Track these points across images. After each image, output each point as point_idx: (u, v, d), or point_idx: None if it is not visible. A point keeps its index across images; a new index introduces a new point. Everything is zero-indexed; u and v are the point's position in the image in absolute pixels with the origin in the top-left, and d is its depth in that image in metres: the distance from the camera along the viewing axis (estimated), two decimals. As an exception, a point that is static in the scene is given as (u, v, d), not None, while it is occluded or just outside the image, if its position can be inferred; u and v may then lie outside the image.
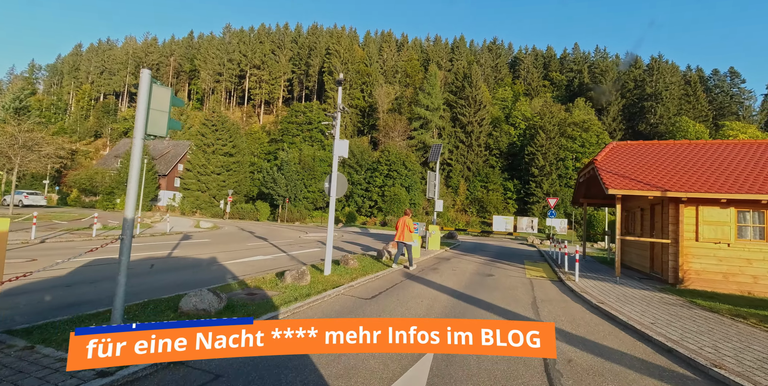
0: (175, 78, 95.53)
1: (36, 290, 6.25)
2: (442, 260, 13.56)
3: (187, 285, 7.14)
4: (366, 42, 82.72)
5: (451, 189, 57.45)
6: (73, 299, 5.79)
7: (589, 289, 8.90)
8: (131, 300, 5.41)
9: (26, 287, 6.31)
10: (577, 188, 14.66)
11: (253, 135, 57.67)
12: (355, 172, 49.52)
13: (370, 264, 10.30)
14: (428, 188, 23.85)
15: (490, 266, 12.71)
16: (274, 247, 14.62)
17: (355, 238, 21.96)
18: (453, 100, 63.53)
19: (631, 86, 70.07)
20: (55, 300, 5.75)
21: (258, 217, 41.65)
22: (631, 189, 9.54)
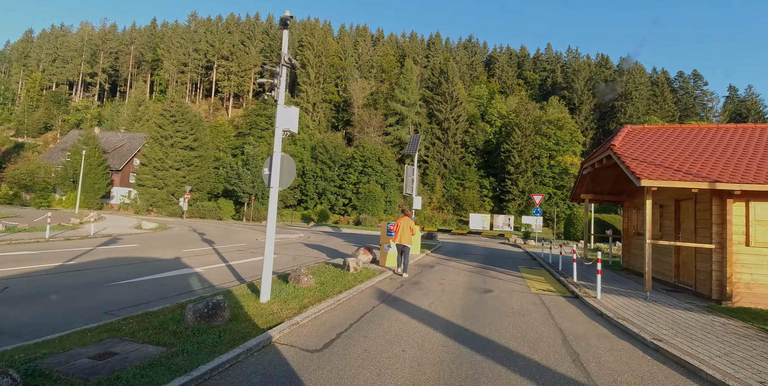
0: (136, 68, 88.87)
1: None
2: (425, 268, 11.04)
3: (13, 331, 4.24)
4: (341, 36, 79.46)
5: (428, 186, 55.39)
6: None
7: (624, 312, 6.59)
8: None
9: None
10: (578, 182, 12.54)
11: (218, 128, 53.44)
12: (328, 168, 46.50)
13: (331, 280, 7.62)
14: (405, 184, 21.39)
15: (483, 275, 10.29)
16: (215, 255, 11.65)
17: (322, 240, 19.17)
18: (429, 96, 61.49)
19: (602, 86, 70.30)
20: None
21: (221, 216, 37.97)
22: (670, 179, 7.32)
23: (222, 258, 10.88)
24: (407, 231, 9.65)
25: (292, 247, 14.69)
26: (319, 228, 32.61)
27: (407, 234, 9.64)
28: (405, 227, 9.71)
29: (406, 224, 9.76)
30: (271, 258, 5.96)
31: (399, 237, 9.65)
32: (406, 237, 9.62)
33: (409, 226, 9.72)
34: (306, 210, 45.63)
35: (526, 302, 7.26)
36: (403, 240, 9.61)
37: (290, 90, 75.30)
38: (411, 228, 9.72)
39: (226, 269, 9.29)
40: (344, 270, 8.80)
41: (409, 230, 9.67)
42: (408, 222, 9.79)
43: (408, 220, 9.85)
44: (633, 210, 11.99)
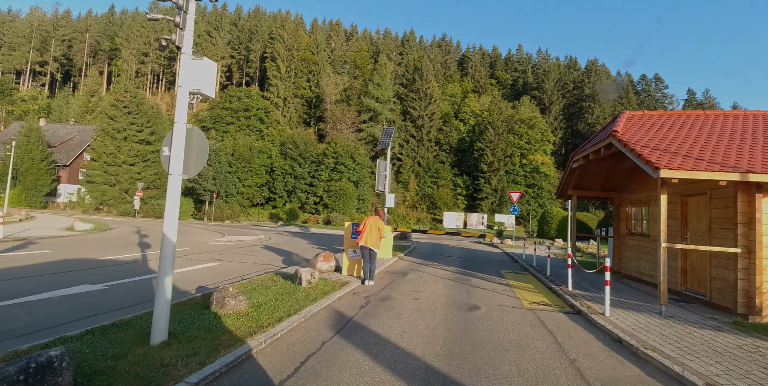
0: (92, 57, 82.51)
1: None
2: (397, 276, 9.32)
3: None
4: (313, 30, 76.67)
5: (402, 184, 53.96)
6: None
7: (647, 337, 5.13)
8: None
9: None
10: (566, 177, 11.23)
11: (179, 122, 49.75)
12: (298, 165, 44.09)
13: (273, 300, 5.75)
14: (377, 180, 19.65)
15: (464, 284, 8.70)
16: (142, 263, 9.48)
17: (284, 242, 17.13)
18: (403, 93, 60.05)
19: (570, 87, 71.31)
20: None
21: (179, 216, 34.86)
22: (694, 169, 5.94)
23: (147, 269, 8.74)
24: (374, 233, 7.96)
25: (244, 252, 12.62)
26: (287, 228, 30.36)
27: (374, 235, 7.95)
28: (373, 227, 8.02)
29: (375, 224, 8.07)
30: (168, 277, 4.04)
31: (365, 239, 7.95)
32: (373, 240, 7.93)
33: (378, 227, 8.02)
34: (274, 209, 43.07)
35: (522, 323, 5.68)
36: (369, 242, 7.92)
37: (260, 83, 71.95)
38: (379, 229, 8.04)
39: (144, 283, 7.22)
40: (295, 283, 6.94)
41: (377, 231, 7.99)
42: (377, 223, 8.10)
43: (378, 220, 8.15)
44: (625, 208, 10.77)
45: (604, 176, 10.90)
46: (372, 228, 8.03)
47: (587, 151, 9.25)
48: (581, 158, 9.82)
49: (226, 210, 35.40)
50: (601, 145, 8.42)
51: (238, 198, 39.42)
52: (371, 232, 7.99)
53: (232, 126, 47.30)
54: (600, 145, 8.45)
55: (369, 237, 7.96)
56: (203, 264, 9.54)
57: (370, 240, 7.94)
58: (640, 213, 10.18)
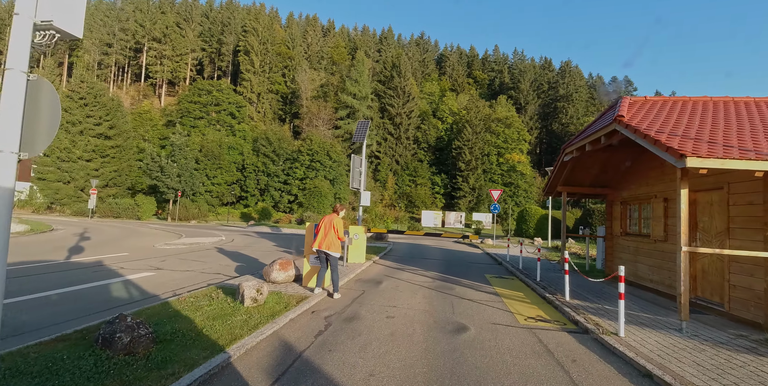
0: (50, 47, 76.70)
1: None
2: (369, 287, 7.95)
3: None
4: (289, 24, 74.11)
5: (380, 183, 52.66)
6: None
7: (681, 368, 3.98)
8: None
9: None
10: (556, 172, 10.17)
11: (143, 115, 46.52)
12: (271, 162, 41.97)
13: (194, 331, 4.25)
14: (352, 177, 18.21)
15: (447, 294, 7.43)
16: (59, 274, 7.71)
17: (248, 244, 15.44)
18: (381, 90, 58.73)
19: (545, 88, 71.95)
20: None
21: (140, 215, 32.25)
22: (726, 157, 4.85)
23: (62, 280, 6.99)
24: (331, 234, 6.57)
25: (194, 258, 10.93)
26: (257, 228, 28.43)
27: (331, 237, 6.56)
28: (328, 227, 6.64)
29: (331, 223, 6.69)
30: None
31: (319, 241, 6.63)
32: (330, 242, 6.54)
33: (333, 226, 6.64)
34: (246, 208, 40.82)
35: (523, 351, 4.43)
36: (324, 245, 6.55)
37: (232, 78, 68.88)
38: (335, 228, 6.67)
39: (35, 302, 5.54)
40: (237, 301, 5.45)
41: (333, 231, 6.60)
42: (333, 221, 6.71)
43: (335, 218, 6.76)
44: (619, 206, 9.79)
45: (597, 171, 9.89)
46: (328, 229, 6.64)
47: (583, 142, 8.15)
48: (575, 150, 8.73)
49: (192, 209, 33.03)
50: (601, 134, 7.32)
51: (206, 196, 37.00)
52: (327, 233, 6.60)
53: (200, 121, 44.62)
54: (600, 133, 7.35)
55: (324, 240, 6.57)
56: (135, 275, 7.85)
57: (326, 242, 6.55)
58: (637, 211, 9.20)
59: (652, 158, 8.51)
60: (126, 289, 6.59)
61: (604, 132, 7.20)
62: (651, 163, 8.51)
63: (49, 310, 5.24)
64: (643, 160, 8.86)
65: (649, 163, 8.60)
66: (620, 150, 8.97)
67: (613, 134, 7.08)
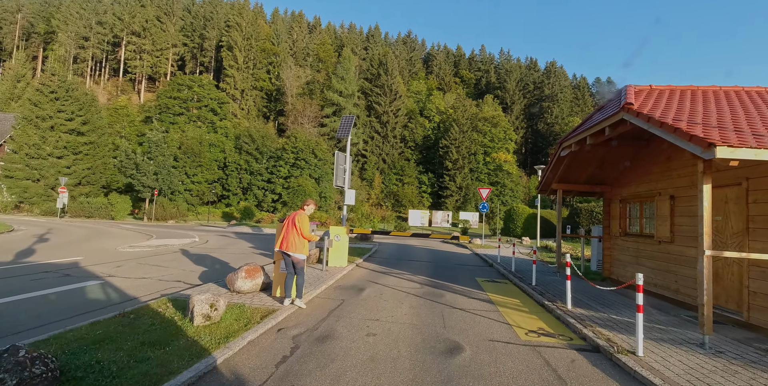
0: (24, 40, 73.35)
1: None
2: (349, 295, 7.07)
3: None
4: (274, 20, 72.43)
5: (366, 182, 51.73)
6: None
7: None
8: None
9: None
10: (551, 168, 9.48)
11: (119, 111, 44.45)
12: (254, 160, 40.58)
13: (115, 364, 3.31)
14: (336, 174, 17.30)
15: (437, 303, 6.62)
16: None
17: (223, 246, 14.36)
18: (368, 87, 57.76)
19: (531, 88, 72.13)
20: None
21: (113, 215, 30.58)
22: (762, 147, 4.14)
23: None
24: (294, 233, 5.70)
25: (156, 262, 9.86)
26: (237, 228, 27.18)
27: (294, 236, 5.68)
28: (290, 225, 5.78)
29: (293, 220, 5.83)
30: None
31: (281, 242, 5.72)
32: (292, 242, 5.64)
33: (295, 223, 5.73)
34: (228, 207, 39.36)
35: (531, 381, 3.63)
36: (285, 245, 5.66)
37: (215, 74, 66.87)
38: (297, 226, 5.71)
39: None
40: (186, 319, 4.50)
41: (295, 230, 5.70)
42: (296, 218, 5.81)
43: (299, 214, 5.85)
44: (618, 204, 9.15)
45: (595, 167, 9.23)
46: (289, 227, 5.73)
47: (583, 134, 7.45)
48: (573, 144, 8.04)
49: (170, 209, 31.50)
50: (605, 125, 6.61)
51: (185, 195, 35.44)
52: (289, 232, 5.70)
53: (180, 117, 42.88)
54: (604, 124, 6.63)
55: (286, 239, 5.66)
56: (80, 283, 6.79)
57: (287, 242, 5.63)
58: (638, 210, 8.57)
59: (656, 153, 7.88)
60: (56, 304, 5.55)
61: (609, 122, 6.49)
62: (655, 158, 7.87)
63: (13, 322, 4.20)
64: (646, 155, 8.22)
65: (652, 158, 7.96)
66: (621, 144, 8.32)
67: (619, 124, 6.37)
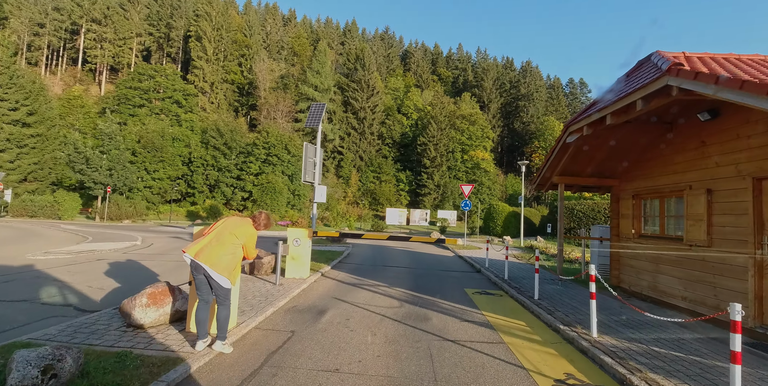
0: (-31, 25, 66.49)
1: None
2: (304, 321, 5.23)
3: None
4: (246, 11, 68.89)
5: (343, 179, 49.71)
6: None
7: None
8: None
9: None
10: (552, 159, 7.97)
11: (72, 101, 40.45)
12: (222, 155, 37.75)
13: None
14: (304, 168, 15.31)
15: (423, 333, 4.88)
16: None
17: (166, 251, 12.12)
18: (345, 83, 55.67)
19: (507, 87, 71.96)
20: None
21: (60, 214, 27.29)
22: None
23: None
24: (225, 245, 3.87)
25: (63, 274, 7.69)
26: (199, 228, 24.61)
27: (222, 250, 3.82)
28: (224, 234, 3.95)
29: (231, 228, 4.02)
30: None
31: (198, 248, 3.81)
32: (217, 256, 3.78)
33: (236, 233, 3.93)
34: (193, 206, 36.41)
35: None
36: (205, 256, 3.75)
37: (183, 66, 62.85)
38: (238, 243, 3.93)
39: None
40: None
41: (230, 242, 3.89)
42: (237, 227, 4.00)
43: (240, 224, 4.01)
44: (630, 200, 7.70)
45: (604, 156, 7.76)
46: (221, 236, 3.89)
47: (602, 112, 5.88)
48: (585, 127, 6.48)
49: (126, 207, 28.47)
50: (637, 96, 5.04)
51: (145, 193, 32.35)
52: (219, 240, 3.84)
53: (141, 109, 39.43)
54: (636, 95, 5.07)
55: (209, 248, 3.78)
56: None
57: (210, 253, 3.75)
58: (656, 207, 7.13)
59: (684, 137, 6.42)
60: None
61: (644, 92, 4.92)
62: (683, 144, 6.42)
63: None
64: (668, 141, 6.78)
65: (679, 145, 6.51)
66: (635, 129, 6.88)
67: (659, 94, 4.82)
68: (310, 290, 6.95)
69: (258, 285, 6.71)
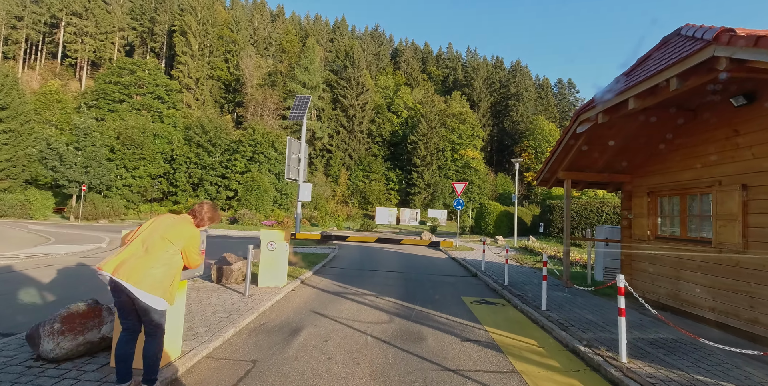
0: (-60, 16, 63.27)
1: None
2: (271, 345, 4.27)
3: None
4: (233, 5, 67.10)
5: (332, 178, 48.61)
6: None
7: None
8: None
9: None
10: (559, 152, 7.14)
11: (48, 96, 38.45)
12: (207, 153, 36.29)
13: None
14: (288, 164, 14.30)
15: (417, 359, 3.97)
16: None
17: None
18: (334, 80, 54.52)
19: (497, 86, 71.63)
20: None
21: (32, 214, 25.65)
22: None
23: None
24: (157, 253, 2.81)
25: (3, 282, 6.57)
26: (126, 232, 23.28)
27: (144, 262, 2.74)
28: (152, 239, 2.87)
29: (163, 228, 2.95)
30: None
31: (119, 263, 2.71)
32: (146, 268, 2.72)
33: (168, 237, 2.88)
34: (176, 205, 34.90)
35: None
36: (128, 272, 2.67)
37: (168, 62, 60.82)
38: (174, 249, 2.89)
39: None
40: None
41: (161, 247, 2.83)
42: (171, 230, 2.95)
43: (173, 225, 2.99)
44: (645, 197, 6.91)
45: (616, 149, 6.94)
46: (149, 242, 2.85)
47: (625, 95, 5.03)
48: (601, 114, 5.65)
49: (103, 206, 26.94)
50: (673, 73, 4.20)
51: (124, 191, 30.79)
52: (144, 249, 2.82)
53: (122, 104, 37.71)
54: (671, 72, 4.23)
55: (128, 261, 2.74)
56: None
57: (134, 265, 2.71)
58: (677, 205, 6.35)
59: (711, 126, 5.62)
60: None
61: (683, 67, 4.08)
62: (710, 134, 5.63)
63: None
64: (691, 131, 6.00)
65: (704, 134, 5.72)
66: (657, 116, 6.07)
67: (700, 68, 3.98)
68: (285, 302, 5.97)
69: (223, 297, 5.71)
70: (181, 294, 3.53)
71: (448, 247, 16.38)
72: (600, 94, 5.83)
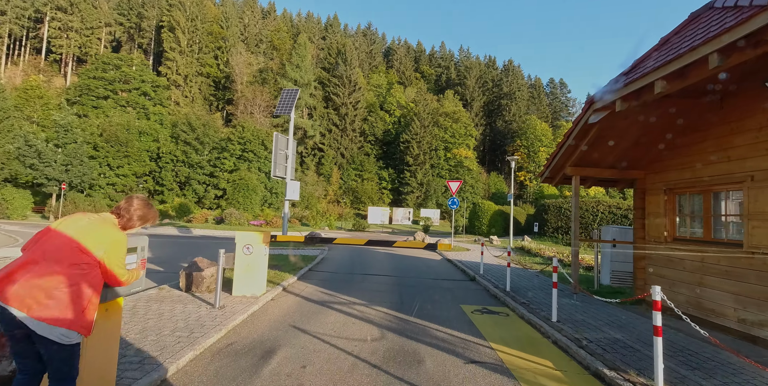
0: None
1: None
2: (236, 375, 3.49)
3: None
4: (223, 2, 65.65)
5: (323, 177, 47.73)
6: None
7: None
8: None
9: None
10: (568, 145, 6.49)
11: (29, 92, 36.93)
12: (194, 151, 35.17)
13: None
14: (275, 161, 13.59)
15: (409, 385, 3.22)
16: None
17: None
18: (326, 77, 53.59)
19: (490, 85, 71.33)
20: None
21: (9, 213, 24.40)
22: None
23: None
24: (47, 274, 1.99)
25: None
26: (159, 229, 22.31)
27: (44, 281, 1.94)
28: (58, 249, 2.05)
29: (74, 238, 2.12)
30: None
31: (4, 281, 1.92)
32: (38, 289, 1.92)
33: (85, 249, 2.07)
34: (162, 204, 33.72)
35: None
36: (15, 295, 1.88)
37: (156, 58, 59.24)
38: (90, 252, 2.08)
39: None
40: None
41: (73, 267, 2.02)
42: (87, 235, 2.14)
43: (90, 229, 2.19)
44: (662, 195, 6.28)
45: (629, 143, 6.30)
46: (52, 252, 2.04)
47: (650, 78, 4.37)
48: (619, 100, 4.99)
49: (84, 206, 25.77)
50: (710, 49, 3.54)
51: (107, 190, 29.59)
52: (46, 263, 2.00)
53: (106, 101, 36.37)
54: (708, 48, 3.57)
55: (19, 280, 1.93)
56: None
57: (21, 288, 1.91)
58: (699, 203, 5.73)
59: (741, 114, 4.99)
60: None
61: (726, 40, 3.41)
62: (739, 124, 5.01)
63: None
64: (715, 121, 5.37)
65: (733, 124, 5.10)
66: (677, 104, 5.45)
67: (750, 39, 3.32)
68: (261, 314, 5.20)
69: (189, 310, 4.93)
70: (115, 314, 2.75)
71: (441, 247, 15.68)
72: (622, 74, 5.17)
